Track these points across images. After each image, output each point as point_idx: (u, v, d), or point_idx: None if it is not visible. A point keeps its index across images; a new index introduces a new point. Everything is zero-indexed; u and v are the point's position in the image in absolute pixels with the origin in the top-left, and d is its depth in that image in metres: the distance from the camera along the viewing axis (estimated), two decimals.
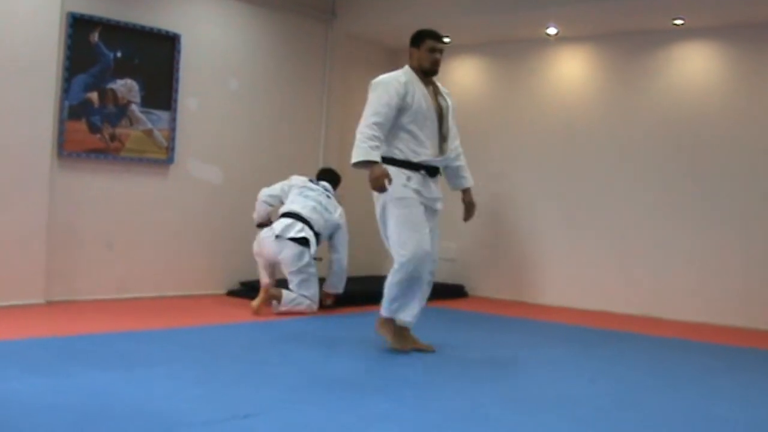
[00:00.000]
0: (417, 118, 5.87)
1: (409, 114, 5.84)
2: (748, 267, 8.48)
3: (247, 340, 6.34)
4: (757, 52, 8.58)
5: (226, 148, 9.05)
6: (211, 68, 8.91)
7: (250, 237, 9.15)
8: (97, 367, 4.95)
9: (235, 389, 4.63)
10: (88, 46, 7.79)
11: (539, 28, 9.43)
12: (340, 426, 3.99)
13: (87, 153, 7.81)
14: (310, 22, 9.97)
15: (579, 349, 6.73)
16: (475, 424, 4.16)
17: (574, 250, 9.48)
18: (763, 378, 5.86)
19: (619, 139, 9.31)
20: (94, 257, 7.94)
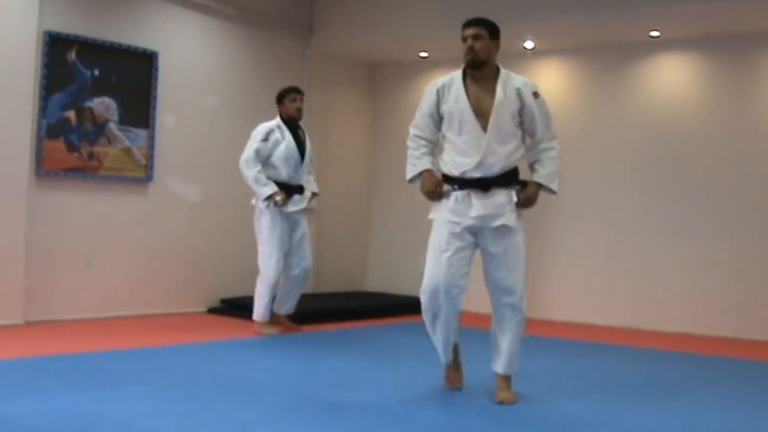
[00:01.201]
0: (452, 123, 5.08)
1: (445, 121, 5.14)
2: (733, 277, 8.51)
3: (229, 358, 6.31)
4: (732, 61, 8.65)
5: (205, 165, 9.03)
6: (189, 86, 8.90)
7: (230, 254, 9.16)
8: (78, 388, 4.92)
9: (218, 408, 4.60)
10: (65, 65, 7.77)
11: (517, 42, 9.46)
12: None
13: (65, 172, 7.78)
14: (287, 38, 9.98)
15: (561, 361, 6.73)
16: None
17: (557, 263, 9.49)
18: (749, 388, 5.86)
19: (598, 152, 9.35)
20: (73, 276, 7.90)
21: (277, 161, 7.50)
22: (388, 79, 11.08)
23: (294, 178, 7.58)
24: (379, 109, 11.14)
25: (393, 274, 10.56)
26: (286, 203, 7.48)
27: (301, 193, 7.65)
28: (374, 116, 11.16)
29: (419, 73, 10.65)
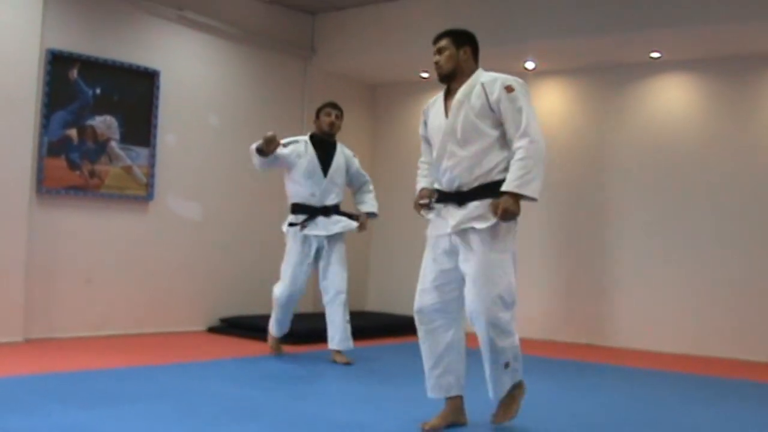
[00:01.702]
0: (433, 140, 4.91)
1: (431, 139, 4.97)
2: (735, 298, 8.50)
3: (228, 377, 6.29)
4: (733, 83, 8.67)
5: (206, 184, 9.04)
6: (191, 104, 8.91)
7: (230, 273, 9.16)
8: (77, 405, 4.91)
9: (215, 427, 4.59)
10: (67, 83, 7.79)
11: (518, 62, 9.48)
12: None
13: (66, 189, 7.78)
14: (289, 58, 10.01)
15: (560, 382, 6.71)
16: None
17: (556, 283, 9.48)
18: (747, 409, 5.84)
19: (598, 172, 9.36)
20: (73, 294, 7.89)
21: (297, 176, 7.24)
22: (389, 99, 11.10)
23: (317, 198, 7.21)
24: (379, 129, 11.17)
25: (393, 294, 10.55)
26: (272, 145, 6.90)
27: (327, 215, 7.24)
28: (375, 136, 11.17)
29: (420, 93, 10.67)
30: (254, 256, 9.47)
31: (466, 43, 4.88)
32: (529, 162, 4.50)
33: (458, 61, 4.84)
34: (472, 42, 4.91)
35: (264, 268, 9.55)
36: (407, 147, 6.90)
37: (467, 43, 4.88)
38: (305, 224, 7.16)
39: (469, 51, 4.87)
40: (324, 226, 7.19)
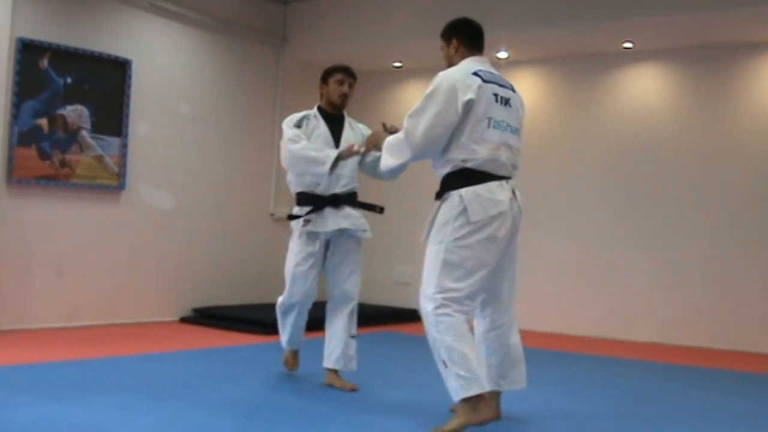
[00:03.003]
0: None
1: None
2: (703, 288, 8.56)
3: (200, 367, 6.27)
4: (705, 73, 8.72)
5: (178, 174, 8.99)
6: (163, 94, 8.87)
7: (202, 263, 9.13)
8: (47, 397, 4.88)
9: (188, 417, 4.58)
10: (37, 72, 7.73)
11: (490, 52, 9.45)
12: None
13: (37, 179, 7.72)
14: (261, 48, 9.97)
15: (534, 371, 6.72)
16: None
17: (529, 273, 9.49)
18: (717, 398, 5.89)
19: (570, 162, 9.39)
20: (44, 285, 7.84)
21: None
22: (363, 88, 11.00)
23: (323, 186, 5.68)
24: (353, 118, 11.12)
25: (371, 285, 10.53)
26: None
27: (337, 206, 5.70)
28: None
29: (394, 83, 10.66)
30: (227, 245, 9.45)
31: (453, 35, 4.91)
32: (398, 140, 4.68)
33: (448, 57, 4.91)
34: (464, 34, 4.90)
35: (237, 258, 9.56)
36: None
37: (453, 34, 4.91)
38: (309, 218, 5.70)
39: (457, 42, 4.88)
40: (333, 219, 5.68)
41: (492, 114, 4.57)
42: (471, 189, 4.48)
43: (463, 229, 4.47)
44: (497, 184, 4.54)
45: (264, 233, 9.91)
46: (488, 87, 4.60)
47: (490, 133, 4.55)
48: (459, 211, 4.47)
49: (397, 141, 4.69)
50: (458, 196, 4.49)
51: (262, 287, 9.80)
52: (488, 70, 4.73)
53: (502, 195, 4.53)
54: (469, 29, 4.90)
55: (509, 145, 4.64)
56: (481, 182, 4.51)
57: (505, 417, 4.84)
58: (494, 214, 4.48)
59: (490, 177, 4.54)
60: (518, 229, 4.71)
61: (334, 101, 6.01)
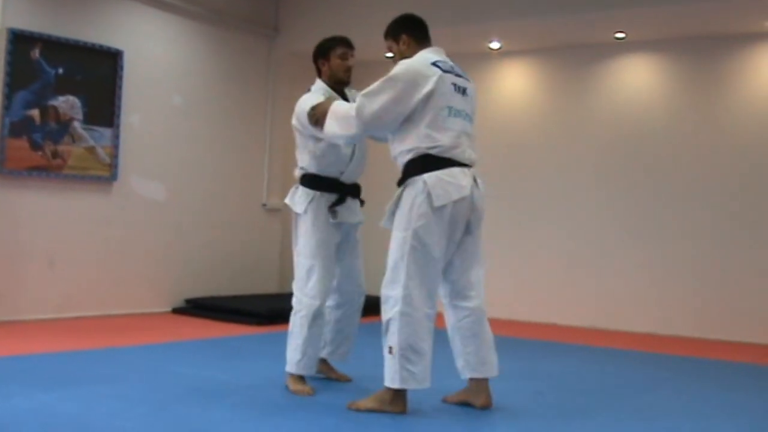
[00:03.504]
0: None
1: None
2: (694, 278, 8.58)
3: (192, 358, 6.28)
4: (696, 63, 8.72)
5: (169, 164, 8.98)
6: (154, 84, 8.85)
7: (194, 254, 9.12)
8: (39, 388, 4.88)
9: (179, 408, 4.58)
10: (29, 63, 7.71)
11: (483, 42, 9.48)
12: None
13: (29, 170, 7.71)
14: (252, 38, 9.95)
15: (525, 361, 6.74)
16: None
17: (519, 263, 9.51)
18: (709, 388, 5.90)
19: (562, 153, 9.39)
20: (36, 276, 7.83)
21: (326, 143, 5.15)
22: (354, 78, 11.02)
23: (346, 174, 5.29)
24: None
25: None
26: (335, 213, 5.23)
27: (357, 195, 5.41)
28: None
29: (385, 73, 10.61)
30: (219, 236, 9.44)
31: (400, 32, 5.02)
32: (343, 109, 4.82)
33: (400, 53, 4.99)
34: (409, 29, 4.99)
35: (229, 249, 9.56)
36: None
37: (401, 31, 5.01)
38: (335, 208, 5.24)
39: (407, 37, 4.97)
40: (352, 210, 5.38)
41: (452, 103, 4.63)
42: (434, 174, 4.52)
43: (427, 214, 4.50)
44: (459, 169, 4.58)
45: (256, 224, 9.91)
46: (447, 77, 4.67)
47: (451, 122, 4.61)
48: (423, 197, 4.51)
49: (345, 113, 4.75)
50: (422, 182, 4.53)
51: (255, 278, 9.82)
52: (445, 60, 4.82)
53: (464, 180, 4.57)
54: (414, 23, 4.99)
55: (468, 134, 4.71)
56: (445, 167, 4.55)
57: (496, 408, 4.85)
58: (456, 198, 4.52)
59: (453, 163, 4.58)
60: (482, 216, 4.76)
61: (341, 77, 5.63)
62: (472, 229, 4.73)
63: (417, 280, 4.52)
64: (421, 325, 4.51)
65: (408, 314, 4.49)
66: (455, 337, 4.85)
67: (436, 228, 4.52)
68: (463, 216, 4.61)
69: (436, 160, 4.56)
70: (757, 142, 8.39)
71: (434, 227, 4.51)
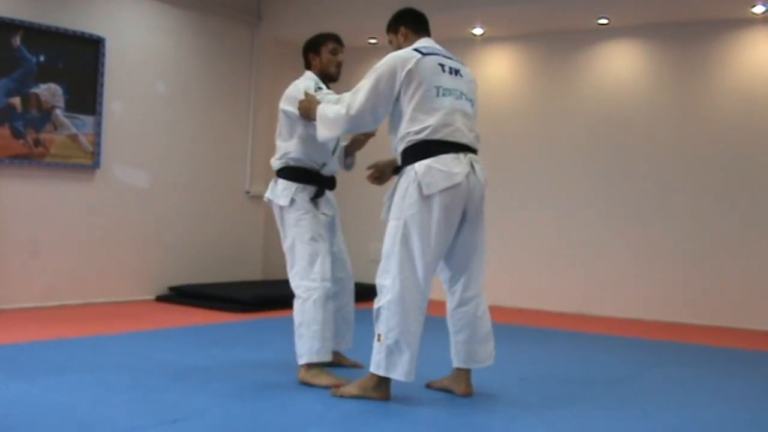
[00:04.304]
0: None
1: None
2: (679, 263, 8.62)
3: (176, 345, 6.27)
4: (680, 49, 8.74)
5: (152, 152, 8.95)
6: (137, 72, 8.81)
7: (178, 241, 9.10)
8: (22, 377, 4.87)
9: (163, 395, 4.58)
10: (10, 50, 7.66)
11: (466, 28, 9.48)
12: (270, 429, 3.97)
13: (10, 159, 7.67)
14: (235, 24, 9.92)
15: (510, 347, 6.75)
16: (397, 421, 4.18)
17: (504, 249, 9.53)
18: (693, 373, 5.93)
19: (546, 139, 9.41)
20: (18, 265, 7.81)
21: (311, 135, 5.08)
22: None
23: (328, 166, 5.36)
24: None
25: None
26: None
27: (333, 188, 5.50)
28: None
29: (369, 59, 10.54)
30: (203, 223, 9.43)
31: (399, 24, 5.02)
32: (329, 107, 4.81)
33: (398, 46, 4.94)
34: (407, 21, 5.01)
35: (213, 236, 9.54)
36: None
37: (402, 24, 5.01)
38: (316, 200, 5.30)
39: (405, 29, 4.98)
40: (331, 203, 5.47)
41: (440, 83, 4.62)
42: (425, 162, 4.50)
43: (418, 203, 4.49)
44: (453, 156, 4.55)
45: (240, 211, 9.89)
46: (429, 58, 4.66)
47: (440, 101, 4.59)
48: (414, 186, 4.50)
49: (334, 115, 4.73)
50: (413, 171, 4.52)
51: (239, 265, 9.81)
52: (431, 46, 4.81)
53: (458, 167, 4.54)
54: (413, 15, 5.02)
55: (465, 112, 4.70)
56: (437, 154, 4.52)
57: (479, 393, 4.86)
58: (447, 186, 4.48)
59: (447, 147, 4.56)
60: (481, 202, 4.75)
61: (332, 72, 5.56)
62: (469, 217, 4.70)
63: (408, 269, 4.53)
64: (410, 315, 4.51)
65: (398, 304, 4.50)
66: (450, 324, 4.88)
67: (427, 217, 4.50)
68: (458, 203, 4.56)
69: (427, 146, 4.54)
70: (741, 126, 8.42)
71: (425, 216, 4.50)
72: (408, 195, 4.53)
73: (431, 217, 4.51)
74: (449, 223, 4.58)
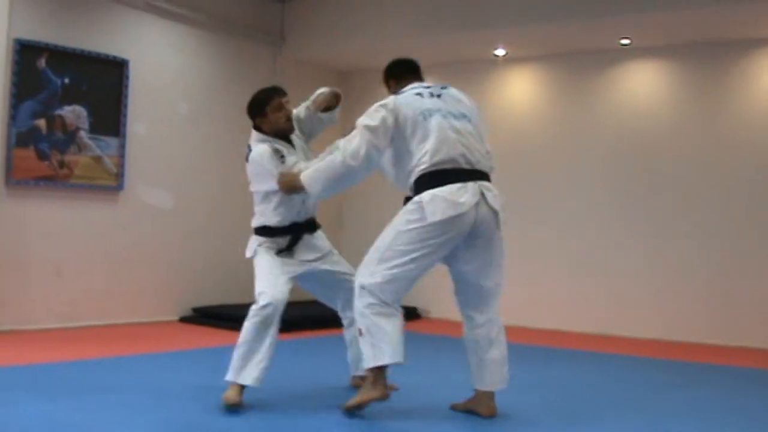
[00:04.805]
0: None
1: None
2: (703, 283, 8.55)
3: (199, 367, 6.28)
4: (703, 69, 8.70)
5: (176, 173, 8.99)
6: (160, 93, 8.86)
7: (201, 262, 9.12)
8: (45, 397, 4.88)
9: (187, 416, 4.58)
10: (35, 72, 7.72)
11: (488, 49, 9.48)
12: None
13: (36, 180, 7.72)
14: (258, 46, 9.96)
15: (533, 368, 6.73)
16: None
17: (526, 269, 9.50)
18: (719, 394, 5.88)
19: (568, 159, 9.38)
20: (42, 285, 7.84)
21: (277, 196, 5.46)
22: (360, 86, 11.06)
23: (302, 212, 5.52)
24: (351, 117, 11.07)
25: None
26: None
27: (314, 230, 5.59)
28: (345, 124, 11.11)
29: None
30: (226, 244, 9.43)
31: (388, 78, 5.35)
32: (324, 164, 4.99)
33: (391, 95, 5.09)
34: (390, 73, 5.35)
35: (236, 257, 9.49)
36: None
37: (388, 77, 5.36)
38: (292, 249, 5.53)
39: (393, 82, 5.26)
40: (310, 247, 5.58)
41: (423, 107, 4.75)
42: (431, 192, 4.56)
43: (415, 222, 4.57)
44: (459, 186, 4.57)
45: None
46: (404, 94, 4.88)
47: (428, 123, 4.69)
48: (417, 209, 4.58)
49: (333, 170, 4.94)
50: (419, 198, 4.60)
51: None
52: (411, 86, 5.02)
53: (464, 197, 4.55)
54: (395, 66, 5.34)
55: (457, 129, 4.71)
56: (443, 184, 4.57)
57: (503, 415, 4.84)
58: (452, 215, 4.52)
59: (453, 175, 4.60)
60: (494, 229, 4.80)
61: (284, 128, 5.59)
62: (479, 243, 4.74)
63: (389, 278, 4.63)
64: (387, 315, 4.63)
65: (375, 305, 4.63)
66: (466, 347, 4.90)
67: (419, 236, 4.56)
68: (459, 231, 4.59)
69: (433, 177, 4.59)
70: (764, 146, 8.37)
71: (420, 236, 4.56)
72: (407, 212, 4.64)
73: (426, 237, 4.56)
74: (440, 251, 4.64)
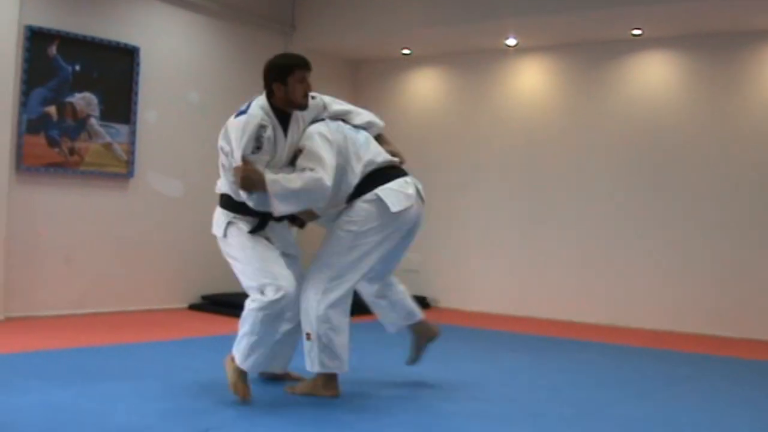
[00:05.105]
0: None
1: None
2: (710, 275, 8.54)
3: (208, 354, 6.28)
4: (715, 60, 8.66)
5: (186, 160, 8.99)
6: (171, 81, 8.86)
7: (211, 250, 9.11)
8: (57, 384, 4.90)
9: (197, 403, 4.59)
10: (46, 60, 7.73)
11: (499, 39, 9.46)
12: None
13: (46, 167, 7.74)
14: (269, 34, 9.94)
15: (543, 358, 6.74)
16: None
17: (537, 261, 9.50)
18: (726, 385, 5.88)
19: (579, 149, 9.36)
20: (53, 272, 7.86)
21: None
22: (371, 75, 11.07)
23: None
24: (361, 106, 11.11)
25: None
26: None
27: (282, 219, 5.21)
28: None
29: (402, 70, 10.65)
30: None
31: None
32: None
33: None
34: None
35: None
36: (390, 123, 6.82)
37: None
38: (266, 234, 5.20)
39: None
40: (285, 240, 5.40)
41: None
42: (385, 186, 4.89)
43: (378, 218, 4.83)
44: (404, 180, 4.99)
45: None
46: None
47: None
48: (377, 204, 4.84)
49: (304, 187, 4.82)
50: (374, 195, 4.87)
51: None
52: None
53: (410, 189, 4.95)
54: None
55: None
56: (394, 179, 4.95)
57: (512, 404, 4.85)
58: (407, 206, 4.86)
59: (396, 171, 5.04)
60: (421, 222, 5.07)
61: (299, 103, 5.07)
62: (410, 234, 5.07)
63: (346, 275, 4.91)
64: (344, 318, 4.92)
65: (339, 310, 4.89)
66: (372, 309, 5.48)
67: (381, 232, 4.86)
68: (409, 223, 4.96)
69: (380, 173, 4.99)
70: None
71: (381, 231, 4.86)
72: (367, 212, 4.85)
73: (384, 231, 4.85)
74: (392, 239, 4.91)
